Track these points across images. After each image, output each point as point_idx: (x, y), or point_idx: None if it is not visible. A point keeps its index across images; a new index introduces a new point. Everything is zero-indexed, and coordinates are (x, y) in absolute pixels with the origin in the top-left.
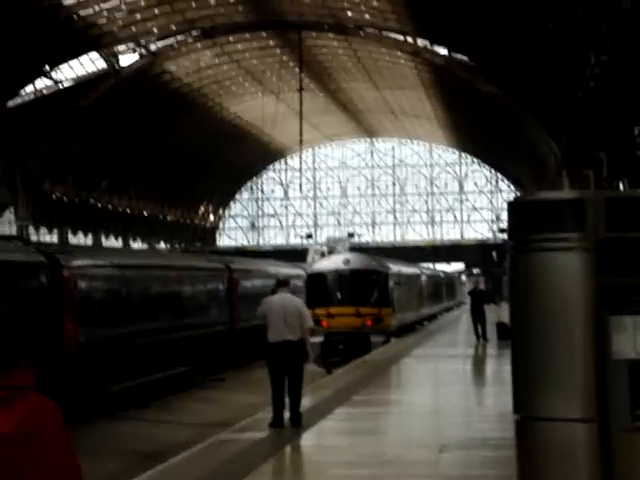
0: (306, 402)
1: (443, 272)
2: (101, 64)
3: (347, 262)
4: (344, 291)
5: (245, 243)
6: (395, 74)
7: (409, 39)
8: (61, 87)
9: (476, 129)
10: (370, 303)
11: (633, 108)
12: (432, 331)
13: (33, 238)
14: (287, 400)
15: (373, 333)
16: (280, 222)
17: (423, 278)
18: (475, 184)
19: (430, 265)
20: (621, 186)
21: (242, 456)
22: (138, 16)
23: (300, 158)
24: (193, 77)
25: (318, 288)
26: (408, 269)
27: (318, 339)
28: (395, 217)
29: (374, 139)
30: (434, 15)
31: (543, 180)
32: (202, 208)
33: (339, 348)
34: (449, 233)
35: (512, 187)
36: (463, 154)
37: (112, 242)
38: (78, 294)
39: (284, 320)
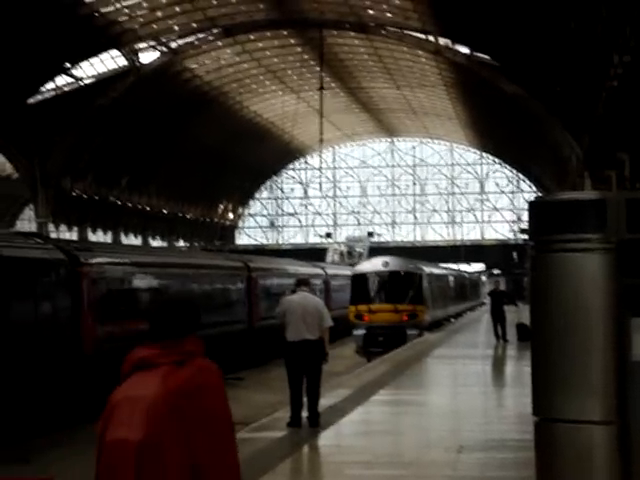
0: (324, 402)
1: (467, 273)
2: (122, 61)
3: (386, 264)
4: (384, 290)
5: (264, 242)
6: (416, 73)
7: (431, 38)
8: (81, 84)
9: (498, 129)
10: (406, 301)
11: None
12: (452, 331)
13: (53, 235)
14: (305, 400)
15: (409, 327)
16: (299, 221)
17: (451, 279)
18: (496, 184)
19: (452, 266)
20: None
21: (259, 455)
22: (159, 14)
23: (320, 157)
24: (213, 75)
25: (361, 287)
26: (439, 271)
27: (361, 332)
28: (415, 217)
29: (395, 138)
30: (456, 14)
31: (565, 181)
32: (222, 206)
33: (379, 340)
34: (469, 233)
35: (533, 188)
36: (484, 154)
37: (131, 240)
38: (97, 291)
39: (303, 319)
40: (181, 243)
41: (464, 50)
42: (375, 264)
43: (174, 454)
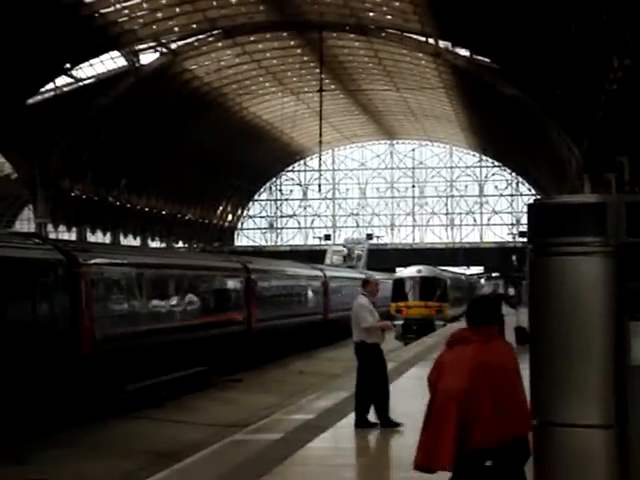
0: (321, 404)
1: (474, 277)
2: (121, 62)
3: (419, 271)
4: (417, 291)
5: (263, 243)
6: (416, 75)
7: (431, 40)
8: (81, 85)
9: (497, 132)
10: (434, 299)
11: None
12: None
13: (52, 236)
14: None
15: (436, 320)
16: (298, 223)
17: (466, 283)
18: (495, 187)
19: (452, 269)
20: None
21: (257, 458)
22: (159, 15)
23: (319, 159)
24: (213, 76)
25: (399, 289)
26: (458, 276)
27: (400, 322)
28: (414, 219)
29: (394, 140)
30: (456, 17)
31: (564, 184)
32: (221, 208)
33: (413, 329)
34: (468, 236)
35: (533, 191)
36: (484, 157)
37: (130, 241)
38: (95, 292)
39: (352, 322)
40: (180, 244)
41: (464, 53)
42: (411, 271)
43: (483, 395)
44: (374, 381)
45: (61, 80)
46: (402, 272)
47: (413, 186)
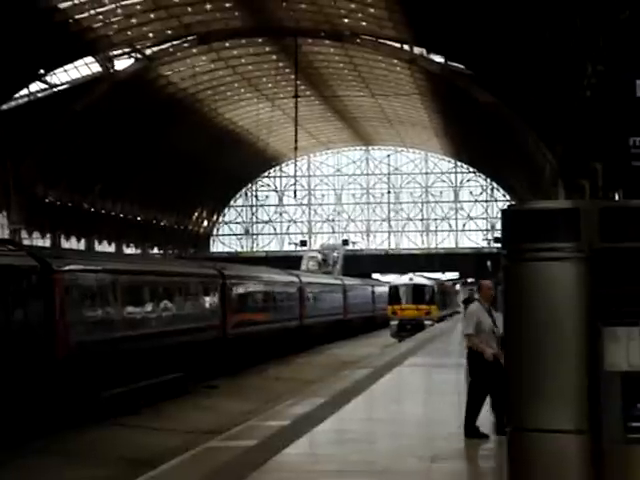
0: (298, 410)
1: (452, 282)
2: (96, 68)
3: (411, 279)
4: (409, 296)
5: (239, 249)
6: (391, 82)
7: (405, 47)
8: (56, 91)
9: (472, 138)
10: (424, 302)
11: (629, 118)
12: (425, 340)
13: (26, 242)
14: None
15: (425, 320)
16: (274, 229)
17: (450, 289)
18: (470, 193)
19: (428, 274)
20: (617, 197)
21: (232, 464)
22: (134, 20)
23: (295, 165)
24: (188, 82)
25: (395, 294)
26: (442, 283)
27: (395, 322)
28: (390, 225)
29: (369, 147)
30: (431, 23)
31: (539, 190)
32: (196, 214)
33: (407, 328)
34: (444, 242)
35: (507, 196)
36: (459, 163)
37: (105, 247)
38: (70, 298)
39: None
40: (155, 251)
41: (439, 59)
42: (404, 279)
43: None
44: (481, 389)
45: (35, 86)
46: (396, 280)
47: (389, 192)
